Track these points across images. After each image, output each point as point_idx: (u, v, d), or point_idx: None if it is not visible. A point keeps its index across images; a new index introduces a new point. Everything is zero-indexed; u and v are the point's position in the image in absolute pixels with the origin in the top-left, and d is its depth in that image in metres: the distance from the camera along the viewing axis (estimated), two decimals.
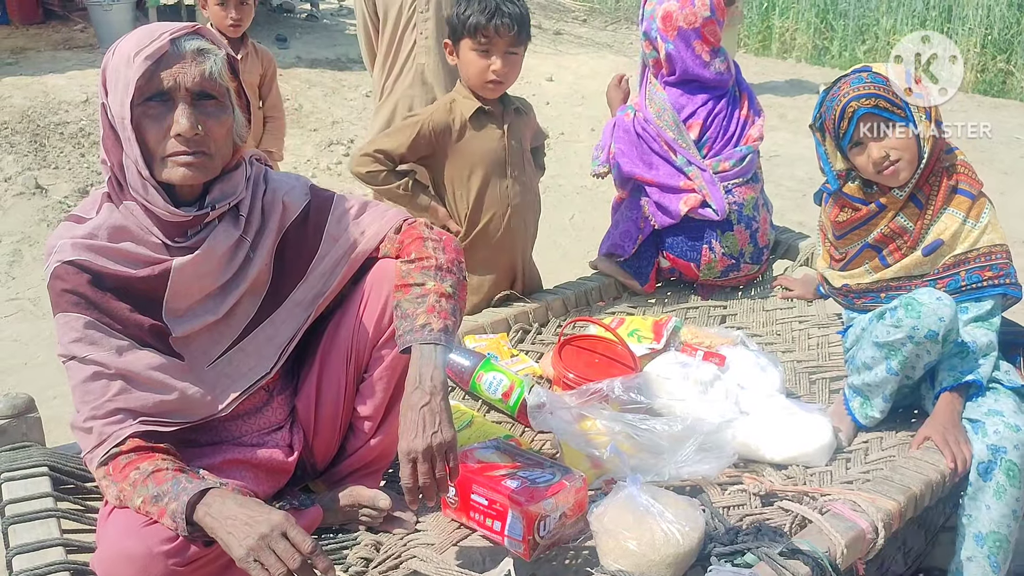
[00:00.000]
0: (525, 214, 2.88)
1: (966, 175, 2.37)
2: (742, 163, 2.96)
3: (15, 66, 6.99)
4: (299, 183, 1.91)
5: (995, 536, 2.11)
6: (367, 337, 1.89)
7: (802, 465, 2.20)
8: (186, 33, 1.65)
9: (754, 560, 1.75)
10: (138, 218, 1.70)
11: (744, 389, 2.36)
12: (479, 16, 2.60)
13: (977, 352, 2.25)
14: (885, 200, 2.39)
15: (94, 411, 1.63)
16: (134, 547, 1.50)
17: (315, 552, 1.49)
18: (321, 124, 7.00)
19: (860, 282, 2.49)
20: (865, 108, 2.29)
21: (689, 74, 2.97)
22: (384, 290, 1.86)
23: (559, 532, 1.86)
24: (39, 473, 1.84)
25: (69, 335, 1.64)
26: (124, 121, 1.61)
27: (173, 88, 1.62)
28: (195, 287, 1.74)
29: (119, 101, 1.61)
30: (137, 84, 1.59)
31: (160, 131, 1.63)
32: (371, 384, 1.92)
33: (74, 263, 1.64)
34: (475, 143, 2.77)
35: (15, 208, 5.22)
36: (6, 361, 3.85)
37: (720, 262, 2.99)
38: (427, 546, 1.88)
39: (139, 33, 1.65)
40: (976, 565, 2.13)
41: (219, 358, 1.80)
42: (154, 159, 1.65)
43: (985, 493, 2.11)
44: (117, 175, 1.68)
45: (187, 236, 1.73)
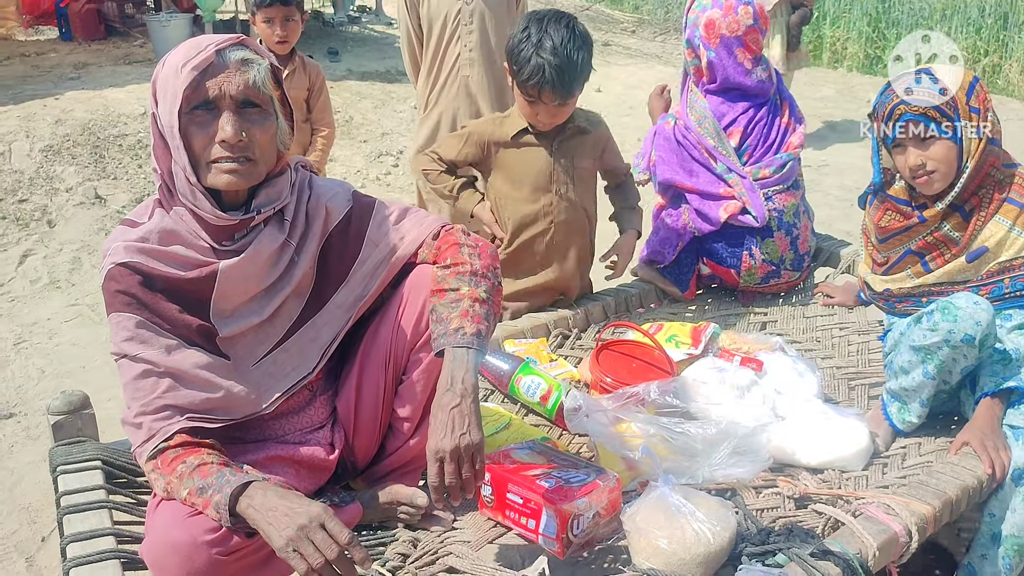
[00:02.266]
0: (570, 231, 2.89)
1: (1020, 185, 2.35)
2: (783, 170, 2.97)
3: (77, 80, 7.21)
4: (342, 189, 1.98)
5: (1014, 540, 2.10)
6: (405, 340, 1.94)
7: (838, 469, 2.20)
8: (231, 44, 1.72)
9: (785, 560, 1.77)
10: (187, 223, 1.77)
11: (781, 394, 2.37)
12: (526, 76, 2.61)
13: (1020, 359, 2.23)
14: (927, 213, 2.39)
15: (144, 407, 1.70)
16: (179, 536, 1.56)
17: (352, 543, 1.53)
18: (371, 135, 7.11)
19: (902, 287, 2.49)
20: (912, 114, 2.29)
21: (730, 82, 2.98)
22: (422, 294, 1.91)
23: (593, 531, 1.89)
24: (92, 467, 1.92)
25: (121, 334, 1.72)
26: (173, 129, 1.68)
27: (218, 97, 1.69)
28: (241, 289, 1.81)
29: (168, 110, 1.68)
30: (184, 94, 1.66)
31: (206, 138, 1.69)
32: (409, 386, 1.97)
33: (127, 265, 1.72)
34: (519, 159, 2.82)
35: (76, 217, 5.39)
36: (66, 364, 3.99)
37: (760, 269, 3.00)
38: (463, 543, 1.92)
39: (187, 45, 1.72)
40: (989, 564, 2.13)
41: (264, 358, 1.87)
42: (200, 165, 1.72)
43: (1015, 497, 2.10)
44: (167, 182, 1.76)
45: (234, 240, 1.80)
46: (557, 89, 2.60)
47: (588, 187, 2.91)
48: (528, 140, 2.80)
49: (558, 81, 2.58)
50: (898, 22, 10.67)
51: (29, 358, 4.03)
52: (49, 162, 5.83)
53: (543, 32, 2.58)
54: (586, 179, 2.90)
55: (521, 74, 2.61)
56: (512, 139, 2.80)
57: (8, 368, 3.94)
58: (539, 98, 2.64)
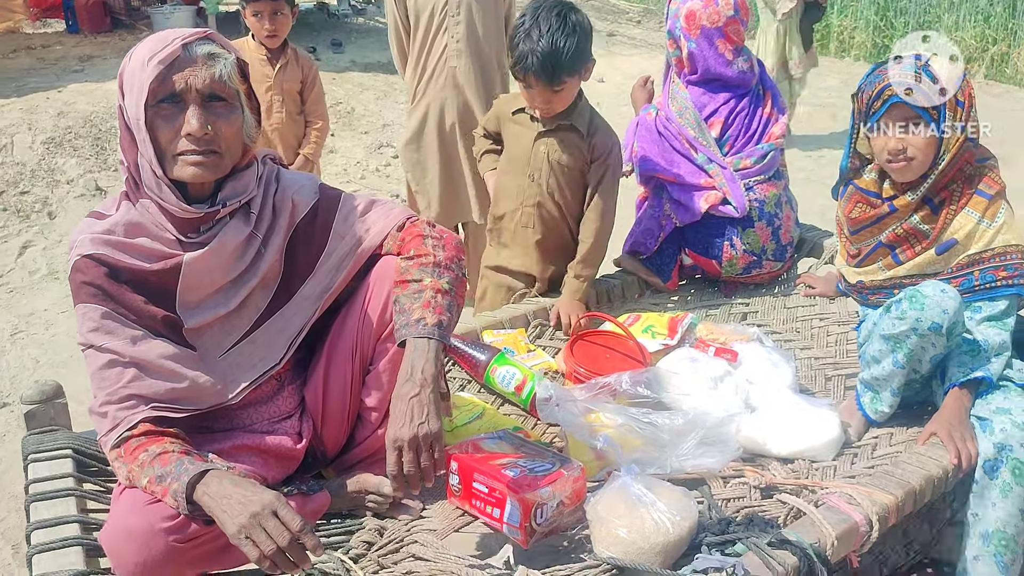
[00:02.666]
0: (540, 219, 2.89)
1: (988, 178, 2.35)
2: (764, 160, 2.97)
3: (81, 73, 7.27)
4: (309, 182, 2.00)
5: (1001, 535, 2.10)
6: (371, 330, 1.96)
7: (808, 460, 2.20)
8: (197, 38, 1.74)
9: (743, 550, 1.78)
10: (153, 215, 1.79)
11: (753, 385, 2.38)
12: (515, 60, 2.67)
13: (989, 350, 2.24)
14: (898, 203, 2.39)
15: (109, 397, 1.73)
16: (136, 523, 1.59)
17: (304, 531, 1.55)
18: (372, 127, 7.14)
19: (874, 279, 2.49)
20: (899, 97, 2.28)
21: (711, 73, 2.98)
22: (386, 285, 1.93)
23: (557, 520, 1.90)
24: (63, 455, 1.95)
25: (87, 324, 1.75)
26: (139, 122, 1.70)
27: (184, 90, 1.71)
28: (206, 281, 1.83)
29: (134, 103, 1.71)
30: (151, 87, 1.68)
31: (172, 131, 1.72)
32: (376, 376, 1.99)
33: (92, 257, 1.75)
34: (512, 135, 2.94)
35: (76, 209, 5.44)
36: (60, 354, 4.03)
37: (742, 259, 3.00)
38: (429, 532, 1.94)
39: (153, 39, 1.74)
40: (983, 564, 2.12)
41: (231, 349, 1.89)
42: (166, 158, 1.74)
43: (991, 491, 2.10)
44: (133, 174, 1.78)
45: (199, 232, 1.82)
46: (540, 75, 2.63)
47: (569, 184, 2.88)
48: (521, 119, 2.90)
49: (540, 67, 2.61)
50: (906, 11, 10.59)
51: (25, 348, 4.08)
52: (51, 154, 5.89)
53: (535, 20, 2.63)
54: (568, 176, 2.86)
55: (512, 59, 2.69)
56: (512, 114, 2.91)
57: (3, 358, 3.99)
58: (527, 84, 2.70)
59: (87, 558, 1.68)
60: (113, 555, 1.60)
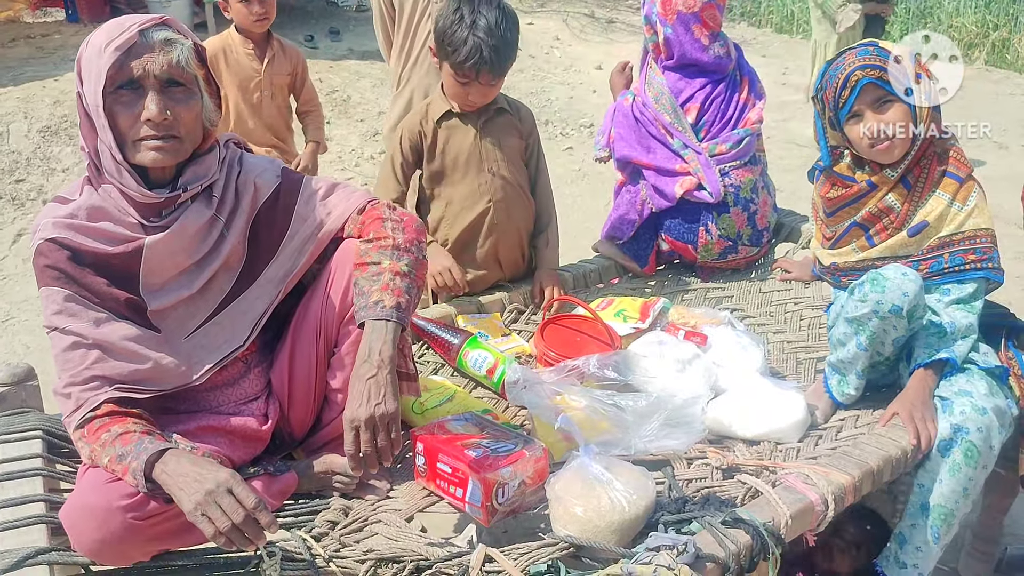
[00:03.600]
0: (509, 209, 2.88)
1: (956, 159, 2.37)
2: (739, 146, 2.98)
3: None
4: (272, 166, 2.02)
5: (941, 509, 2.14)
6: (334, 313, 1.99)
7: (774, 441, 2.23)
8: (154, 24, 1.76)
9: (698, 528, 1.80)
10: (115, 200, 1.82)
11: (722, 368, 2.40)
12: (462, 57, 2.61)
13: (956, 333, 2.25)
14: (876, 179, 2.40)
15: (72, 378, 1.76)
16: (95, 501, 1.62)
17: (258, 508, 1.58)
18: (368, 115, 7.16)
19: (847, 260, 2.50)
20: (869, 78, 2.30)
21: (687, 58, 3.00)
22: (348, 268, 1.96)
23: (519, 500, 1.93)
24: (33, 436, 1.98)
25: (51, 307, 1.78)
26: (98, 109, 1.73)
27: (142, 76, 1.73)
28: (169, 263, 1.86)
29: (92, 90, 1.73)
30: (108, 73, 1.70)
31: (131, 117, 1.74)
32: (340, 358, 2.02)
33: (55, 240, 1.78)
34: (448, 141, 2.82)
35: None
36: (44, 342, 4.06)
37: (717, 244, 3.02)
38: (394, 512, 1.97)
39: (110, 25, 1.76)
40: (918, 532, 2.17)
41: (195, 331, 1.92)
42: (127, 144, 1.76)
43: (941, 468, 2.13)
44: (94, 160, 1.81)
45: (161, 216, 1.85)
46: (495, 68, 2.64)
47: (517, 164, 2.91)
48: (453, 123, 2.82)
49: (495, 60, 2.62)
50: None
51: (16, 335, 4.13)
52: (46, 142, 5.93)
53: (476, 12, 2.60)
54: (514, 157, 2.89)
55: (456, 55, 2.62)
56: (437, 123, 2.81)
57: None
58: (476, 79, 2.66)
59: (51, 536, 1.71)
60: (72, 532, 1.63)
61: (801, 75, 8.88)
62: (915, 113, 2.31)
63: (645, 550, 1.74)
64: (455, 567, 1.74)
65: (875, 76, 2.29)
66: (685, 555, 1.69)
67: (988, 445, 2.12)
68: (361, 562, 1.76)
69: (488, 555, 1.75)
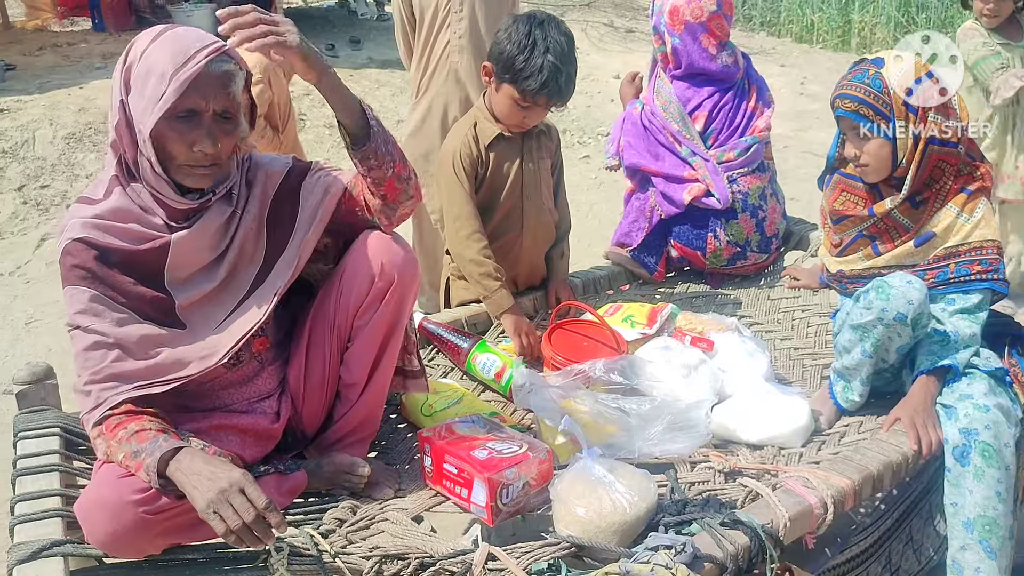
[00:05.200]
0: (537, 235, 2.89)
1: (968, 175, 2.36)
2: (747, 153, 3.01)
3: (104, 70, 7.40)
4: (281, 157, 2.10)
5: (983, 520, 2.10)
6: (348, 306, 2.05)
7: (778, 446, 2.25)
8: (218, 56, 1.79)
9: (697, 530, 1.83)
10: (143, 200, 1.88)
11: (727, 373, 2.43)
12: (535, 84, 2.56)
13: (959, 342, 2.27)
14: (877, 209, 2.42)
15: (93, 376, 1.81)
16: (108, 494, 1.67)
17: (268, 508, 1.62)
18: (387, 123, 7.10)
19: (853, 268, 2.52)
20: (844, 111, 2.34)
21: (695, 67, 3.03)
22: (362, 261, 2.02)
23: (523, 500, 1.97)
24: (51, 433, 2.03)
25: (75, 307, 1.83)
26: (147, 128, 1.76)
27: (203, 109, 1.79)
28: (194, 258, 1.93)
29: (145, 109, 1.76)
30: (173, 103, 1.75)
31: (183, 145, 1.80)
32: (353, 353, 2.08)
33: (83, 240, 1.83)
34: (495, 169, 2.77)
35: None
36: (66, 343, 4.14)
37: (726, 250, 3.05)
38: (401, 510, 2.00)
39: (172, 46, 1.77)
40: (972, 553, 2.12)
41: (223, 321, 1.97)
42: (171, 163, 1.83)
43: (965, 478, 2.11)
44: (129, 163, 1.86)
45: (188, 218, 1.92)
46: (564, 95, 2.64)
47: (550, 186, 2.92)
48: (502, 148, 2.77)
49: (567, 87, 2.62)
50: (927, 6, 10.50)
51: (39, 337, 4.20)
52: (71, 149, 6.03)
53: (548, 39, 2.55)
54: (548, 179, 2.90)
55: (529, 82, 2.56)
56: (488, 147, 2.75)
57: (18, 346, 4.12)
58: (540, 103, 2.63)
59: (67, 529, 1.76)
60: (86, 524, 1.68)
61: (820, 85, 8.88)
62: (895, 146, 2.32)
63: (644, 550, 1.77)
64: (458, 564, 1.77)
65: (851, 110, 2.32)
66: (683, 555, 1.72)
67: (1002, 442, 2.11)
68: (366, 558, 1.80)
69: (491, 553, 1.79)
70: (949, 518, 2.18)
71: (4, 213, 5.39)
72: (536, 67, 2.55)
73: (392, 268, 2.03)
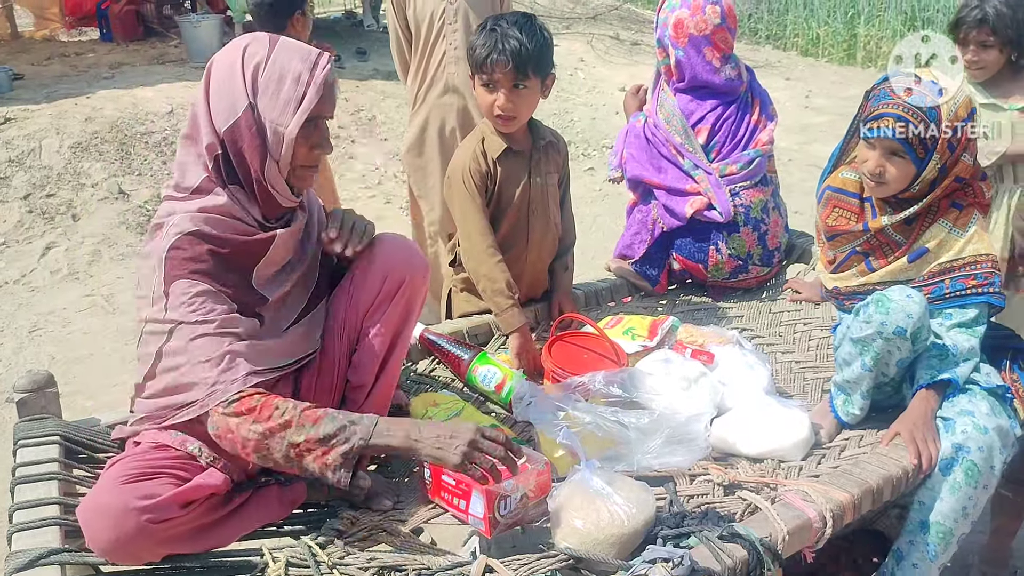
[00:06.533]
0: (542, 249, 2.88)
1: (960, 191, 2.36)
2: (750, 166, 3.02)
3: (111, 80, 7.45)
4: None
5: (940, 527, 2.15)
6: (358, 305, 2.09)
7: (777, 459, 2.25)
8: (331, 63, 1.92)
9: (696, 543, 1.82)
10: (242, 201, 1.93)
11: (727, 386, 2.42)
12: (480, 50, 2.56)
13: (958, 355, 2.26)
14: (872, 225, 2.41)
15: (210, 364, 1.80)
16: (112, 501, 1.67)
17: (509, 444, 1.85)
18: (392, 134, 7.25)
19: (848, 284, 2.52)
20: (894, 133, 2.26)
21: (698, 80, 3.04)
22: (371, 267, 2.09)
23: (521, 512, 1.97)
24: (50, 441, 2.03)
25: (180, 299, 1.82)
26: (287, 131, 1.87)
27: (328, 115, 1.94)
28: (283, 256, 2.02)
29: (285, 111, 1.87)
30: (315, 107, 1.86)
31: (307, 147, 1.93)
32: (361, 354, 2.11)
33: (196, 234, 1.85)
34: (504, 183, 2.74)
35: (99, 212, 5.61)
36: (76, 351, 4.17)
37: (728, 263, 3.05)
38: (400, 523, 2.00)
39: (296, 51, 1.90)
40: (916, 549, 2.18)
41: (287, 329, 2.03)
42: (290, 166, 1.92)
43: (942, 486, 2.14)
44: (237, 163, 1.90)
45: (279, 220, 2.00)
46: (516, 60, 2.54)
47: (556, 200, 2.89)
48: (510, 161, 2.73)
49: (511, 56, 2.53)
50: (933, 20, 10.52)
51: (41, 345, 4.22)
52: (77, 158, 6.06)
53: (498, 21, 2.58)
54: (555, 193, 2.87)
55: (478, 54, 2.57)
56: (496, 160, 2.72)
57: (21, 354, 4.14)
58: (494, 75, 2.57)
59: (65, 538, 1.76)
60: (88, 530, 1.68)
61: (825, 98, 8.90)
62: (920, 173, 2.29)
63: (641, 562, 1.77)
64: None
65: (901, 135, 2.25)
66: (680, 568, 1.72)
67: (989, 465, 2.13)
68: (364, 570, 1.79)
69: (488, 565, 1.78)
70: (912, 511, 2.21)
71: (10, 222, 5.41)
72: (482, 43, 2.57)
73: (403, 269, 2.08)
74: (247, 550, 1.86)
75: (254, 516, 1.93)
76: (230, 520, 1.87)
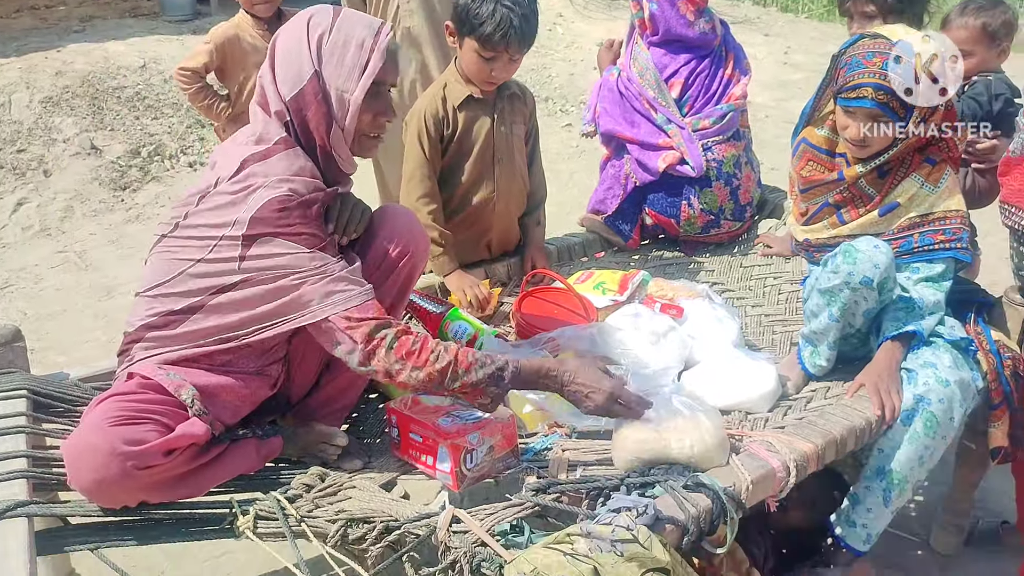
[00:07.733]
0: (509, 199, 2.89)
1: (935, 147, 2.37)
2: (722, 121, 3.01)
3: (82, 34, 7.32)
4: None
5: (896, 475, 2.19)
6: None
7: (744, 411, 2.27)
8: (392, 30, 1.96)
9: (660, 492, 1.85)
10: (307, 161, 1.96)
11: (695, 340, 2.44)
12: (491, 28, 2.54)
13: (924, 308, 2.29)
14: (847, 173, 2.42)
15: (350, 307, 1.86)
16: (99, 442, 1.67)
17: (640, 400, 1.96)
18: None
19: (819, 237, 2.53)
20: (874, 102, 2.24)
21: (672, 34, 3.02)
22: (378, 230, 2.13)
23: (488, 465, 1.98)
24: (18, 395, 2.03)
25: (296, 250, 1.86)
26: (354, 99, 1.91)
27: (392, 81, 2.00)
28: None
29: (351, 77, 1.91)
30: (379, 73, 1.91)
31: (370, 113, 1.96)
32: None
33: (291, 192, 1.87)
34: (465, 131, 2.76)
35: (71, 167, 5.53)
36: (48, 307, 4.13)
37: (700, 218, 3.05)
38: (369, 479, 2.01)
39: (358, 19, 1.95)
40: (871, 494, 2.24)
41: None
42: (353, 133, 1.96)
43: (900, 435, 2.18)
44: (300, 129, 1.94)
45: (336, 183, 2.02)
46: (524, 38, 2.59)
47: (523, 151, 2.91)
48: (472, 109, 2.75)
49: (525, 30, 2.57)
50: None
51: (13, 301, 4.19)
52: (48, 113, 5.96)
53: None
54: (521, 144, 2.89)
55: (484, 28, 2.54)
56: (457, 108, 2.73)
57: None
58: (505, 51, 2.59)
59: (32, 491, 1.77)
60: (71, 468, 1.69)
61: (804, 54, 8.86)
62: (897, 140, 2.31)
63: (606, 511, 1.78)
64: (423, 527, 1.78)
65: (882, 102, 2.23)
66: (644, 516, 1.73)
67: (949, 416, 2.17)
68: (332, 522, 1.81)
69: (455, 516, 1.80)
70: (871, 458, 2.26)
71: None
72: (488, 13, 2.54)
73: (409, 239, 2.16)
74: (216, 502, 1.87)
75: (230, 467, 1.94)
76: (207, 469, 1.88)
